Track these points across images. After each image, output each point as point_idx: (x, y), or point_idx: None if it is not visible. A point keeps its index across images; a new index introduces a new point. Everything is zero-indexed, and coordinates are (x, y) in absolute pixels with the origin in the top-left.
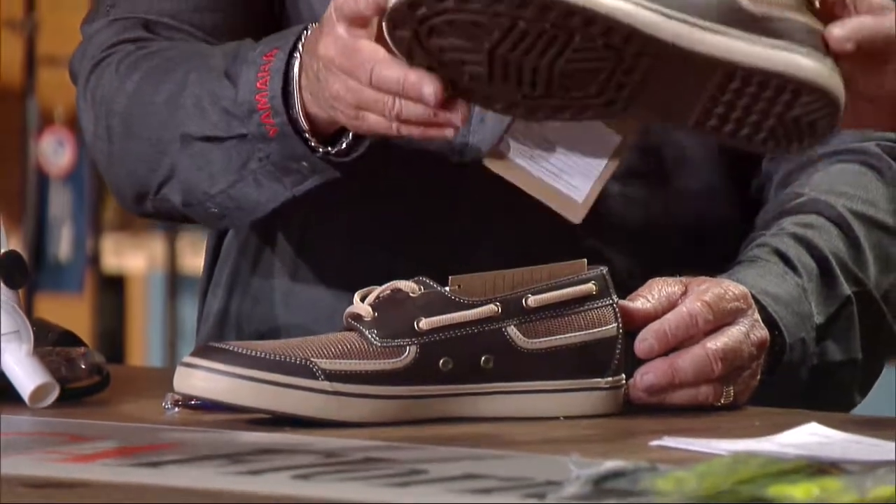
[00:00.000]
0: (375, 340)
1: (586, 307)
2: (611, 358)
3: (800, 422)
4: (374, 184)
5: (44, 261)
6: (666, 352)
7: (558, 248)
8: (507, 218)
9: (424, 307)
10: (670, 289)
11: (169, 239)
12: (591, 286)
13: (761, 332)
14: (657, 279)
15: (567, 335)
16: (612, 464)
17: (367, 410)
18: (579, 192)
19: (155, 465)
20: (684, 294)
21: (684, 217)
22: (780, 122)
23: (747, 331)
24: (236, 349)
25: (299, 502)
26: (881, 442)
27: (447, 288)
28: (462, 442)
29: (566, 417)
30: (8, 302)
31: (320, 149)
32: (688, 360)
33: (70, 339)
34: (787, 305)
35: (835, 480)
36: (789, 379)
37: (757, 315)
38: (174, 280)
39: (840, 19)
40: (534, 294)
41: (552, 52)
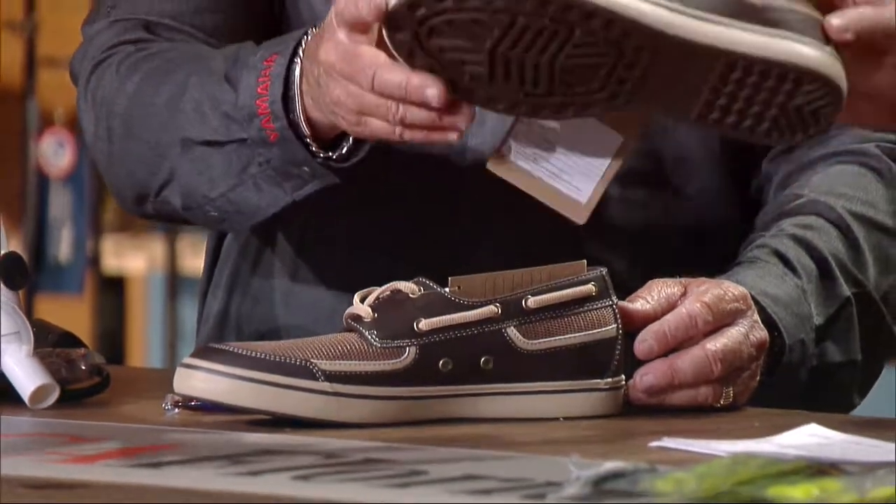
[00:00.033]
0: (375, 341)
1: (586, 308)
2: (610, 359)
3: (799, 423)
4: (374, 187)
5: (44, 262)
6: (665, 353)
7: (558, 249)
8: (507, 219)
9: (424, 308)
10: (670, 290)
11: (169, 240)
12: (590, 287)
13: (761, 333)
14: (657, 280)
15: (567, 336)
16: (611, 465)
17: (366, 411)
18: (582, 194)
19: (155, 465)
20: (684, 295)
21: (684, 218)
22: (782, 111)
23: (747, 332)
24: (236, 350)
25: (299, 503)
26: (881, 443)
27: (447, 289)
28: (462, 443)
29: (566, 418)
30: (8, 303)
31: (321, 154)
32: (687, 361)
33: (70, 340)
34: (786, 307)
35: (834, 481)
36: (789, 380)
37: (756, 316)
38: (174, 281)
39: (840, 9)
40: (533, 295)
41: (553, 49)
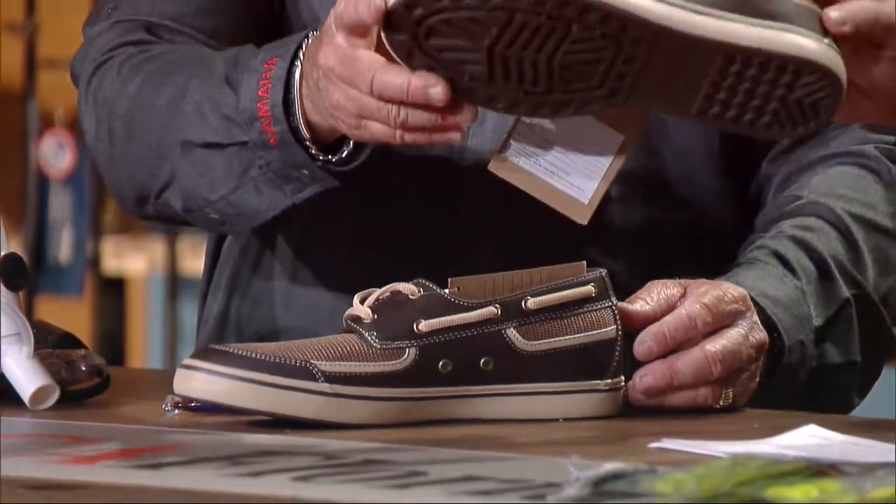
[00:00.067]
0: (375, 342)
1: (585, 309)
2: (610, 360)
3: (799, 424)
4: (374, 188)
5: (44, 263)
6: (665, 354)
7: (558, 249)
8: (507, 220)
9: (424, 309)
10: (669, 291)
11: (169, 241)
12: (590, 288)
13: (760, 335)
14: (656, 281)
15: (566, 337)
16: (611, 466)
17: (366, 412)
18: (584, 193)
19: (155, 466)
20: (683, 296)
21: (683, 219)
22: (782, 104)
23: (746, 333)
24: (236, 351)
25: None
26: (880, 444)
27: (447, 290)
28: (462, 444)
29: (565, 419)
30: (8, 304)
31: (321, 157)
32: (687, 362)
33: (70, 341)
34: (785, 308)
35: (834, 482)
36: (788, 381)
37: (756, 317)
38: (174, 282)
39: (838, 2)
40: (533, 296)
41: (550, 46)
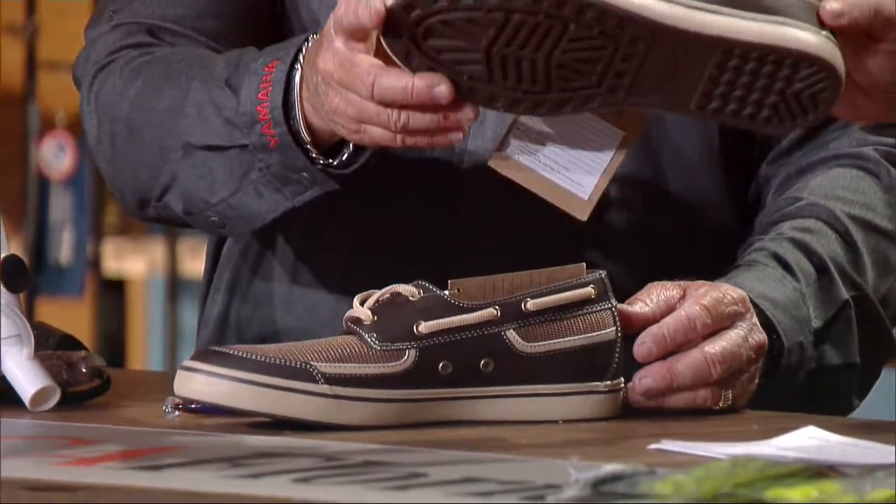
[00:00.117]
0: (375, 344)
1: (585, 311)
2: (609, 361)
3: (798, 425)
4: (374, 190)
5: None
6: (664, 355)
7: (558, 250)
8: (507, 221)
9: (424, 311)
10: (669, 293)
11: (169, 243)
12: (589, 290)
13: (759, 336)
14: (656, 283)
15: (566, 339)
16: (610, 467)
17: (366, 414)
18: (584, 190)
19: (156, 468)
20: (683, 298)
21: (682, 221)
22: (781, 98)
23: (745, 334)
24: (236, 353)
25: None
26: (879, 445)
27: (446, 291)
28: (461, 445)
29: (565, 421)
30: (9, 306)
31: (321, 160)
32: (686, 363)
33: (70, 342)
34: (785, 309)
35: (833, 483)
36: (787, 383)
37: (755, 319)
38: (174, 284)
39: None
40: (533, 298)
41: (548, 44)
